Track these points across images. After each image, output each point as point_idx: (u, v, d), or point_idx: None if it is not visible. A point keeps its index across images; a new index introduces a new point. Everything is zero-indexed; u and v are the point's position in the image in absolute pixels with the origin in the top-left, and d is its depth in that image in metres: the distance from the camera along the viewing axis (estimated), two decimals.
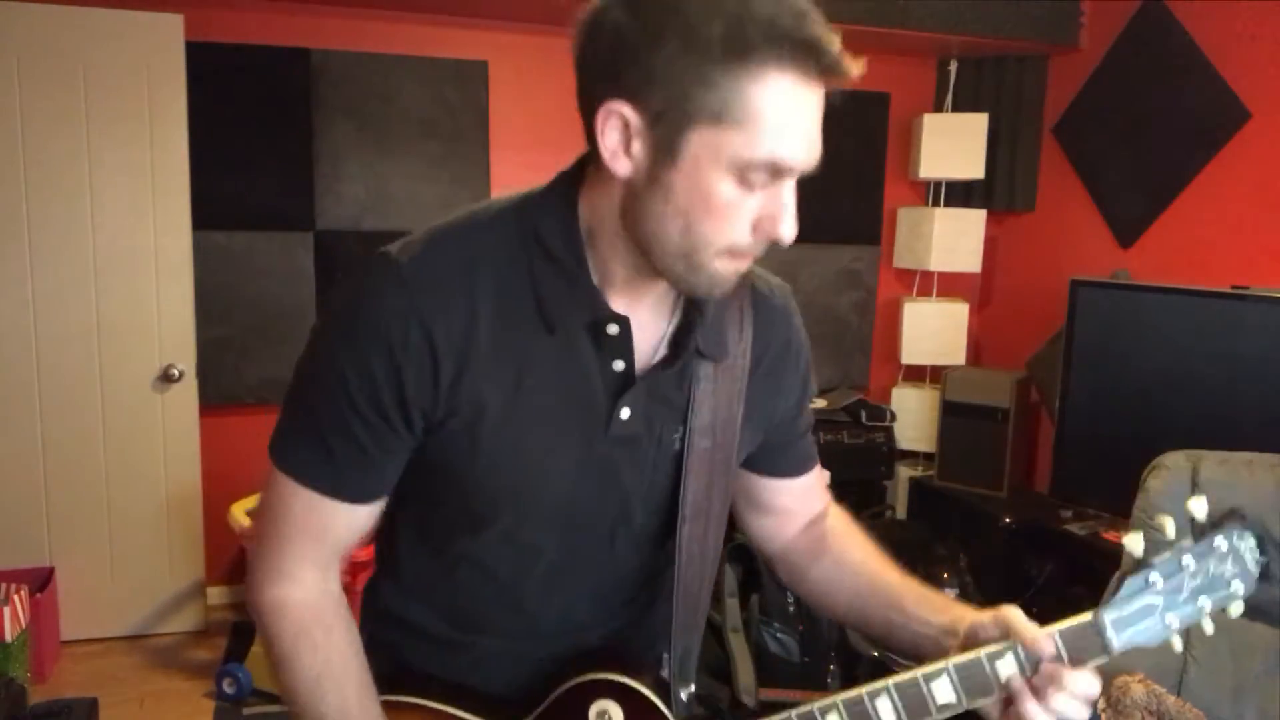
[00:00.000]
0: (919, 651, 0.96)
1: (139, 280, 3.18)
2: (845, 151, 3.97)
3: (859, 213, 4.04)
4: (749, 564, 2.56)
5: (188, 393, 3.26)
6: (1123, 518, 2.24)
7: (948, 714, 0.88)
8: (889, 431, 3.81)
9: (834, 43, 0.78)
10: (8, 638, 2.78)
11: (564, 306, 0.88)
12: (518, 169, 3.41)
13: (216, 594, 3.52)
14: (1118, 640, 0.86)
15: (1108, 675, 1.99)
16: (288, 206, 3.34)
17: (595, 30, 0.81)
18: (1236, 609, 0.87)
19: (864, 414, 3.77)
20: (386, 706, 0.97)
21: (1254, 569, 0.86)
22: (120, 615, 3.32)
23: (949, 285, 4.09)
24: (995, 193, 3.94)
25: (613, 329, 0.89)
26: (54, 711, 2.57)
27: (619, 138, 0.81)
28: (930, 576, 2.76)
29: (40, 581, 3.12)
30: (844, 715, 0.89)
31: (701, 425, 0.95)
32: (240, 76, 3.27)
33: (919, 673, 0.87)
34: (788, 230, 0.83)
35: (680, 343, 0.93)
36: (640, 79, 0.78)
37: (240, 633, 3.31)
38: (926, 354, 3.96)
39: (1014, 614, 0.87)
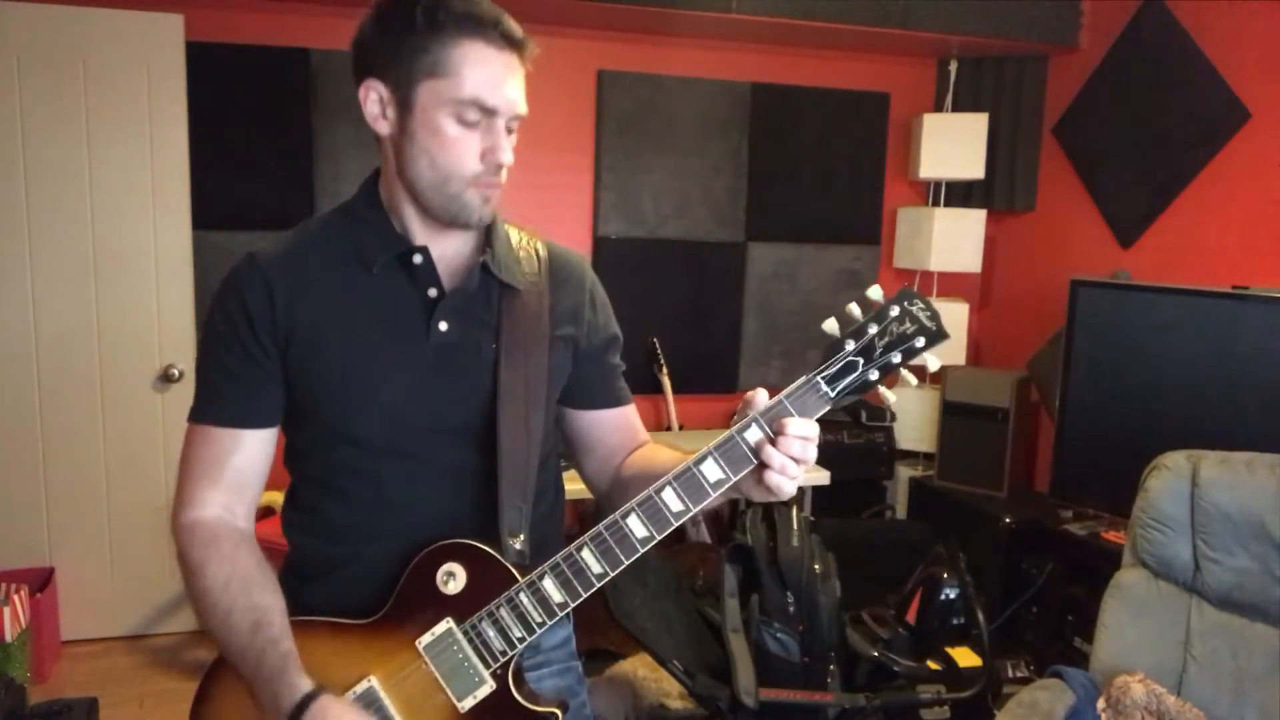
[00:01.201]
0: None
1: (139, 280, 3.19)
2: (845, 151, 3.98)
3: (859, 213, 4.04)
4: (749, 564, 2.55)
5: (188, 393, 3.24)
6: (1123, 518, 2.24)
7: (721, 489, 1.06)
8: (889, 431, 3.82)
9: (506, 20, 1.10)
10: (8, 638, 2.79)
11: (375, 249, 1.16)
12: (514, 167, 3.42)
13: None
14: (832, 391, 1.06)
15: (1108, 675, 1.99)
16: (288, 206, 3.34)
17: (357, 34, 1.15)
18: (932, 362, 1.07)
19: (864, 414, 3.77)
20: None
21: (932, 325, 1.06)
22: (120, 615, 3.33)
23: (949, 285, 4.09)
24: (995, 193, 3.94)
25: (417, 258, 1.16)
26: (54, 711, 2.57)
27: (377, 107, 1.13)
28: (930, 576, 2.76)
29: (40, 581, 3.12)
30: (641, 515, 1.07)
31: (512, 336, 1.18)
32: (240, 76, 3.27)
33: (689, 461, 1.06)
34: (505, 156, 1.12)
35: (483, 271, 1.19)
36: (382, 60, 1.11)
37: None
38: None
39: (753, 393, 1.08)
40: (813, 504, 3.43)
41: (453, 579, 1.11)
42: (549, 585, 1.08)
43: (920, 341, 1.06)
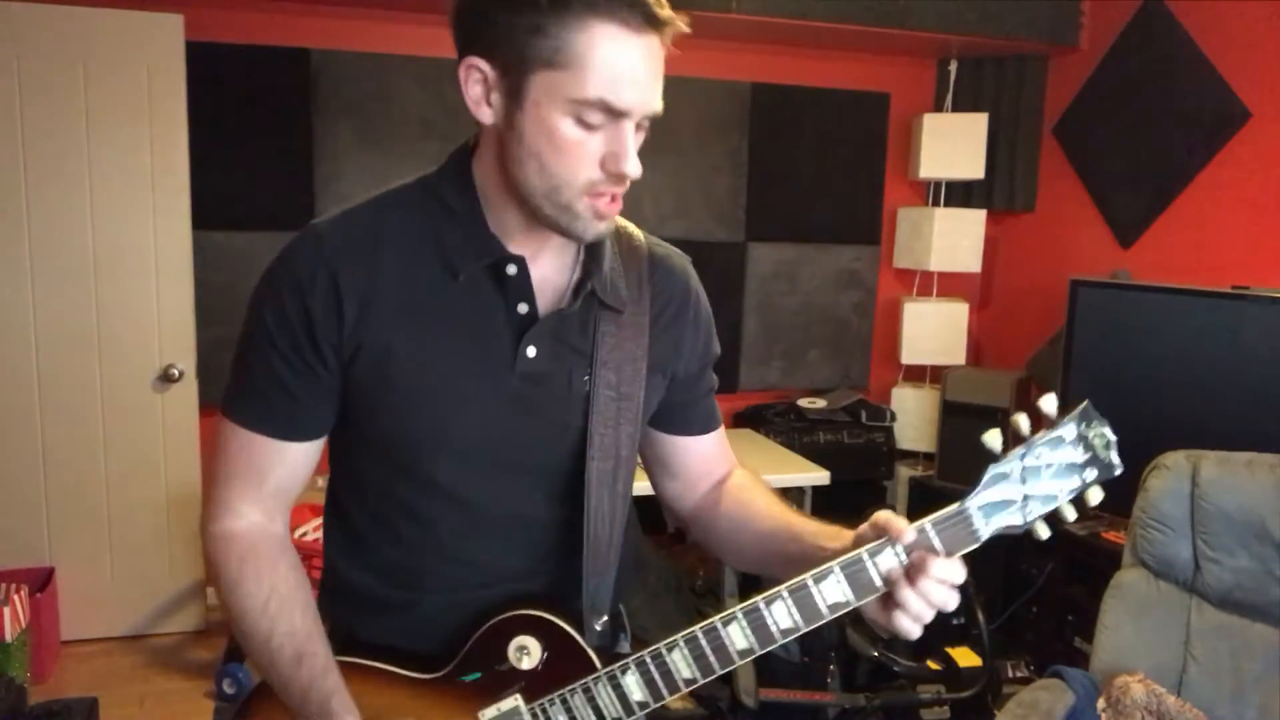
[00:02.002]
0: None
1: (139, 280, 3.18)
2: (845, 151, 3.98)
3: (859, 213, 4.04)
4: None
5: (188, 393, 3.26)
6: (1123, 518, 2.24)
7: (839, 612, 0.93)
8: (889, 431, 3.81)
9: None
10: (8, 638, 2.78)
11: (464, 253, 0.98)
12: None
13: (217, 594, 3.52)
14: (984, 528, 0.92)
15: (1108, 675, 1.99)
16: (288, 206, 3.34)
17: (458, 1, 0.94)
18: (1095, 495, 0.92)
19: (864, 414, 3.77)
20: None
21: (1106, 455, 0.91)
22: (120, 615, 3.32)
23: (949, 285, 4.09)
24: (995, 193, 3.94)
25: (511, 269, 0.99)
26: (54, 711, 2.57)
27: (480, 90, 0.93)
28: None
29: (40, 581, 3.12)
30: (744, 625, 0.94)
31: (607, 370, 1.03)
32: (240, 76, 3.27)
33: (808, 577, 0.93)
34: (630, 167, 0.93)
35: (581, 290, 1.02)
36: (490, 35, 0.90)
37: None
38: (926, 354, 3.96)
39: (888, 515, 0.94)
40: (812, 504, 3.42)
41: (526, 655, 1.01)
42: (630, 682, 0.97)
43: (1090, 476, 0.91)
